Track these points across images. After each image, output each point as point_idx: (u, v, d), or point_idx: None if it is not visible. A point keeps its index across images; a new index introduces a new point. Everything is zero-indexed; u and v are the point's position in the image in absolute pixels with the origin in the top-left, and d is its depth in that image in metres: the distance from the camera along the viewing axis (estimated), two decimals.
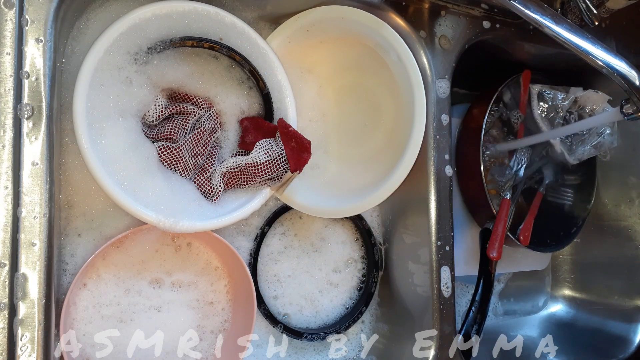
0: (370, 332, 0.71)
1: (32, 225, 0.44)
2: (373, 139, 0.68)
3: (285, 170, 0.56)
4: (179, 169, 0.55)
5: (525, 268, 0.84)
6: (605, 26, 0.75)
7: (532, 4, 0.56)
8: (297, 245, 0.67)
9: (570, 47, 0.55)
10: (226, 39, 0.56)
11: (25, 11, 0.45)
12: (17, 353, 0.43)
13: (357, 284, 0.70)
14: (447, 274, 0.62)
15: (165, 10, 0.52)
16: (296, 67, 0.64)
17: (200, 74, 0.57)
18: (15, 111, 0.44)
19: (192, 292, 0.59)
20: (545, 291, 0.91)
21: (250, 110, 0.60)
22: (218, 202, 0.56)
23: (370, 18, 0.59)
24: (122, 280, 0.56)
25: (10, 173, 0.44)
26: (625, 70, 0.54)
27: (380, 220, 0.72)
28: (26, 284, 0.43)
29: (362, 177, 0.66)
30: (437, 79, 0.63)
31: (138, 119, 0.53)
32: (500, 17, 0.68)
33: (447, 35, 0.65)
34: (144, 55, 0.52)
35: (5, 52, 0.44)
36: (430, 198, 0.62)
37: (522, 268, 0.84)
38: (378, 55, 0.63)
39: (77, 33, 0.53)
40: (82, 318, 0.53)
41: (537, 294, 0.91)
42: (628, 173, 0.84)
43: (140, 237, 0.56)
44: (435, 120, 0.62)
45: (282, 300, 0.66)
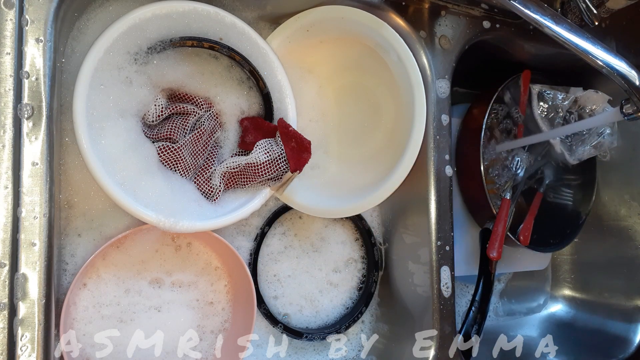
0: (370, 332, 0.71)
1: (32, 225, 0.44)
2: (373, 139, 0.68)
3: (285, 170, 0.56)
4: (179, 169, 0.55)
5: (525, 268, 0.84)
6: (605, 26, 0.75)
7: (532, 4, 0.56)
8: (297, 245, 0.67)
9: (570, 47, 0.55)
10: (226, 39, 0.56)
11: (25, 11, 0.45)
12: (17, 353, 0.43)
13: (357, 284, 0.70)
14: (447, 274, 0.62)
15: (165, 10, 0.52)
16: (296, 67, 0.64)
17: (200, 74, 0.57)
18: (15, 111, 0.44)
19: (192, 292, 0.59)
20: (545, 291, 0.91)
21: (250, 110, 0.60)
22: (218, 202, 0.56)
23: (370, 18, 0.59)
24: (122, 280, 0.56)
25: (10, 173, 0.44)
26: (625, 70, 0.54)
27: (380, 220, 0.72)
28: (26, 284, 0.43)
29: (362, 177, 0.66)
30: (437, 79, 0.63)
31: (138, 119, 0.53)
32: (500, 17, 0.68)
33: (447, 35, 0.65)
34: (144, 55, 0.52)
35: (5, 52, 0.44)
36: (430, 198, 0.62)
37: (522, 268, 0.84)
38: (378, 55, 0.63)
39: (77, 33, 0.53)
40: (82, 318, 0.53)
41: (537, 294, 0.91)
42: (628, 173, 0.84)
43: (140, 237, 0.56)
44: (435, 120, 0.62)
45: (282, 300, 0.66)
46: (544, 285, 0.91)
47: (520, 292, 0.89)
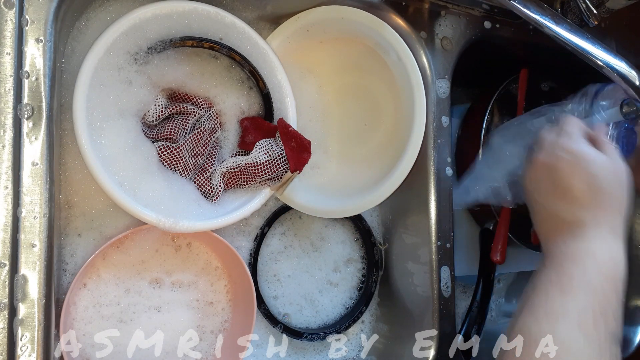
0: (370, 332, 0.71)
1: (32, 226, 0.44)
2: (373, 139, 0.68)
3: (285, 170, 0.56)
4: (179, 169, 0.55)
5: (526, 268, 0.84)
6: (605, 26, 0.75)
7: (532, 4, 0.56)
8: (297, 245, 0.67)
9: (570, 47, 0.55)
10: (226, 39, 0.56)
11: (25, 11, 0.45)
12: (17, 353, 0.43)
13: (357, 283, 0.70)
14: (447, 274, 0.62)
15: (165, 10, 0.52)
16: (296, 67, 0.64)
17: (200, 74, 0.57)
18: (15, 111, 0.44)
19: (192, 292, 0.59)
20: None
21: (250, 110, 0.60)
22: (218, 202, 0.56)
23: (370, 18, 0.59)
24: (122, 280, 0.56)
25: (10, 173, 0.44)
26: (625, 70, 0.54)
27: (380, 220, 0.72)
28: (26, 284, 0.43)
29: (362, 177, 0.66)
30: (437, 79, 0.63)
31: (138, 119, 0.53)
32: (500, 17, 0.68)
33: (447, 35, 0.65)
34: (144, 55, 0.52)
35: (5, 52, 0.44)
36: (430, 198, 0.62)
37: (523, 268, 0.84)
38: (378, 55, 0.63)
39: (77, 33, 0.53)
40: (82, 318, 0.53)
41: None
42: None
43: (140, 237, 0.56)
44: (435, 120, 0.62)
45: (282, 300, 0.66)
46: None
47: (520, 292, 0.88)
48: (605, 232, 0.47)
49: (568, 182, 0.50)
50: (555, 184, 0.51)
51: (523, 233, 0.74)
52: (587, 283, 0.44)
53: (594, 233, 0.47)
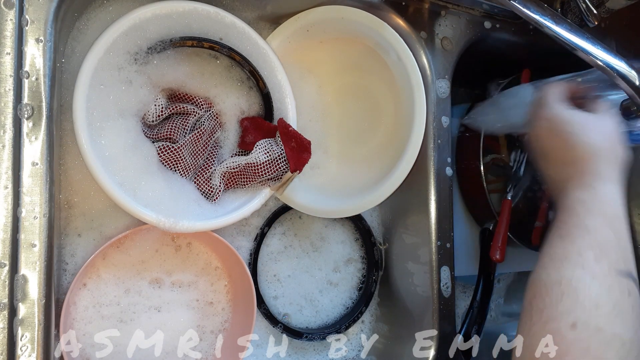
0: (370, 332, 0.71)
1: (32, 226, 0.44)
2: (373, 139, 0.68)
3: (285, 170, 0.56)
4: (179, 169, 0.55)
5: (526, 268, 0.84)
6: (605, 26, 0.75)
7: (532, 4, 0.56)
8: (297, 245, 0.67)
9: (570, 47, 0.55)
10: (226, 39, 0.56)
11: (25, 11, 0.45)
12: (17, 353, 0.43)
13: (357, 283, 0.70)
14: (447, 274, 0.62)
15: (165, 10, 0.52)
16: (296, 67, 0.64)
17: (200, 74, 0.57)
18: (15, 111, 0.44)
19: (192, 292, 0.59)
20: None
21: (250, 110, 0.60)
22: (218, 202, 0.56)
23: (370, 18, 0.59)
24: (122, 280, 0.56)
25: (10, 173, 0.44)
26: (625, 70, 0.54)
27: (380, 220, 0.72)
28: (26, 284, 0.43)
29: (362, 177, 0.66)
30: (437, 79, 0.63)
31: (138, 119, 0.53)
32: (500, 17, 0.68)
33: (448, 35, 0.65)
34: (144, 55, 0.52)
35: (5, 52, 0.44)
36: (430, 198, 0.62)
37: (523, 268, 0.84)
38: (378, 55, 0.63)
39: (77, 33, 0.53)
40: (82, 318, 0.53)
41: None
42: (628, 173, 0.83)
43: (140, 237, 0.56)
44: (435, 120, 0.62)
45: (282, 300, 0.66)
46: None
47: (520, 292, 0.89)
48: (591, 179, 0.50)
49: (549, 145, 0.55)
50: (542, 151, 0.56)
51: (523, 233, 0.75)
52: (579, 225, 0.47)
53: (578, 182, 0.51)
